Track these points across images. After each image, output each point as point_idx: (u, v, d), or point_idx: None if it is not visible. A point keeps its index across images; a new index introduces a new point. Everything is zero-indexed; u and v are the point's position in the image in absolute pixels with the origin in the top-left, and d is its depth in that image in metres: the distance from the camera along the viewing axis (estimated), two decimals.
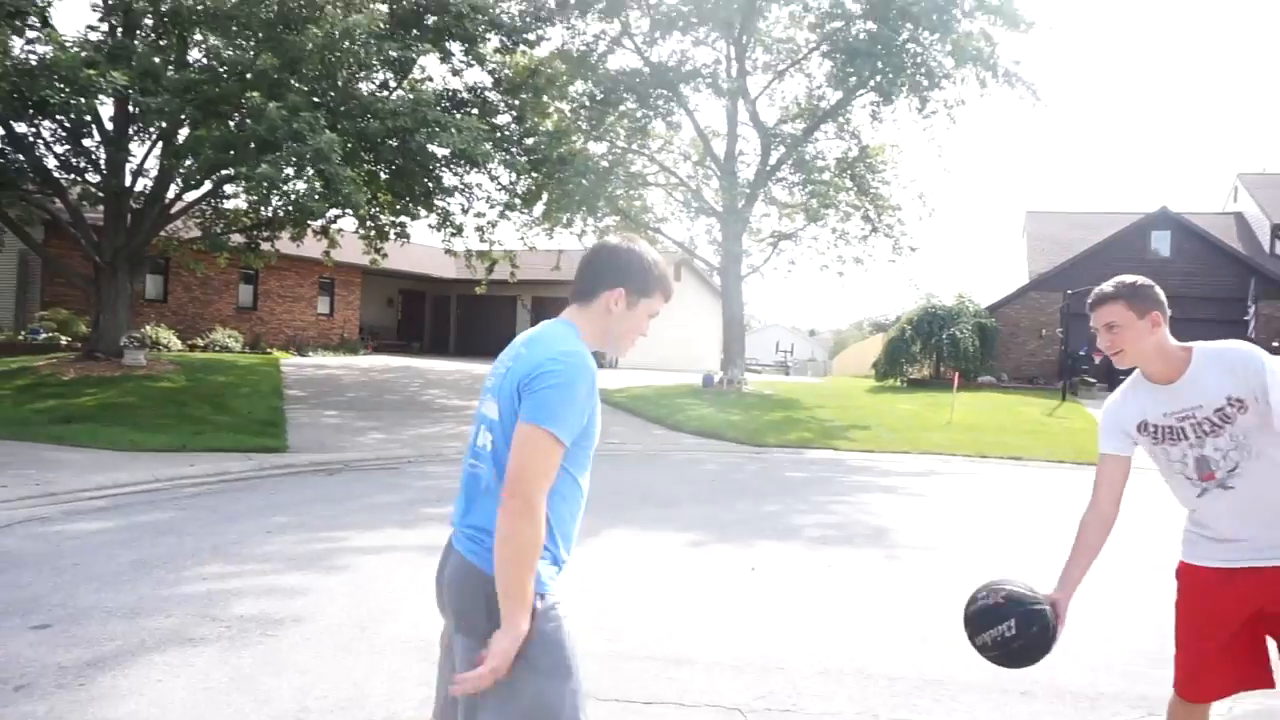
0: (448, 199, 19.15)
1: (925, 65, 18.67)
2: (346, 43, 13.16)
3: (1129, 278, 2.64)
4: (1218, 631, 2.51)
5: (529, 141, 19.91)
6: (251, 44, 13.77)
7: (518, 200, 20.89)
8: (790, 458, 12.51)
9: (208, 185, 16.79)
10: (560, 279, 28.22)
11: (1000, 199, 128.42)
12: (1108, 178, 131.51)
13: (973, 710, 3.69)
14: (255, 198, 14.97)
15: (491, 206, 20.04)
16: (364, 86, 16.55)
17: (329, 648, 4.12)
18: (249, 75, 13.30)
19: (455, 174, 18.63)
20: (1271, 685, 2.56)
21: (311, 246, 20.88)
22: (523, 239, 23.43)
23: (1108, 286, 2.63)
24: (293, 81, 13.62)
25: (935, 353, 26.41)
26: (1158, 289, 2.62)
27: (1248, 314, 25.02)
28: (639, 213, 24.12)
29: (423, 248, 29.71)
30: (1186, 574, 2.63)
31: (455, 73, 19.75)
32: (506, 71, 19.63)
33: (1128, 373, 2.83)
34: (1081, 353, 24.06)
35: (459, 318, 35.39)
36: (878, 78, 19.39)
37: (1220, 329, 26.15)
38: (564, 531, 1.88)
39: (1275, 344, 24.49)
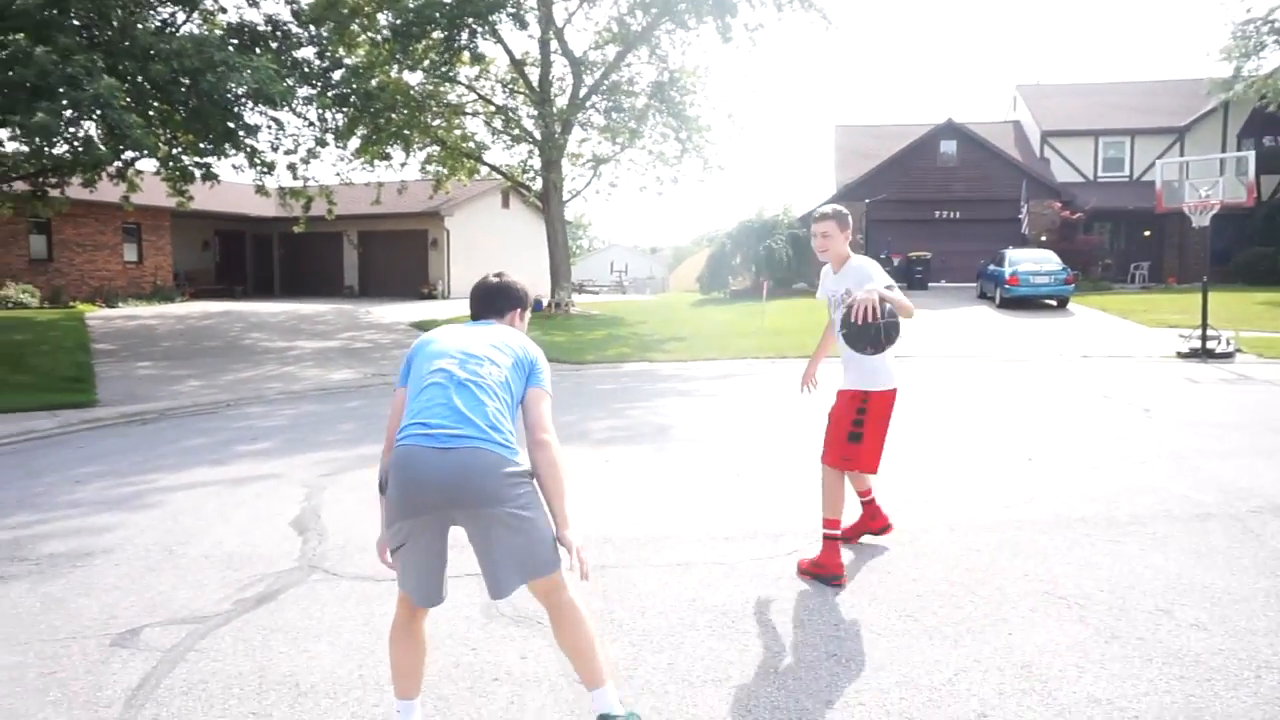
0: (254, 137, 18.57)
1: None
2: None
3: (839, 206, 4.32)
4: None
5: (335, 76, 19.45)
6: None
7: (330, 136, 20.47)
8: (606, 372, 13.43)
9: None
10: (383, 212, 27.82)
11: (818, 115, 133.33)
12: (914, 90, 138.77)
13: (685, 553, 4.66)
14: (35, 144, 14.13)
15: (297, 145, 19.53)
16: (149, 24, 15.69)
17: (137, 569, 4.62)
18: (13, 9, 12.43)
19: (258, 112, 18.05)
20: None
21: (110, 191, 19.79)
22: (339, 174, 22.99)
23: (826, 210, 4.29)
24: (63, 21, 12.86)
25: (754, 264, 28.00)
26: (849, 215, 4.36)
27: (1021, 213, 27.84)
28: (458, 142, 24.06)
29: (238, 186, 28.38)
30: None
31: (252, 3, 18.93)
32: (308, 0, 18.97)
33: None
34: (882, 256, 26.18)
35: (283, 257, 34.21)
36: (682, 4, 20.02)
37: (999, 227, 29.02)
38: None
39: (1044, 239, 27.46)
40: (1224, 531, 4.82)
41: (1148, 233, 30.13)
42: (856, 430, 4.17)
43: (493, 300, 3.02)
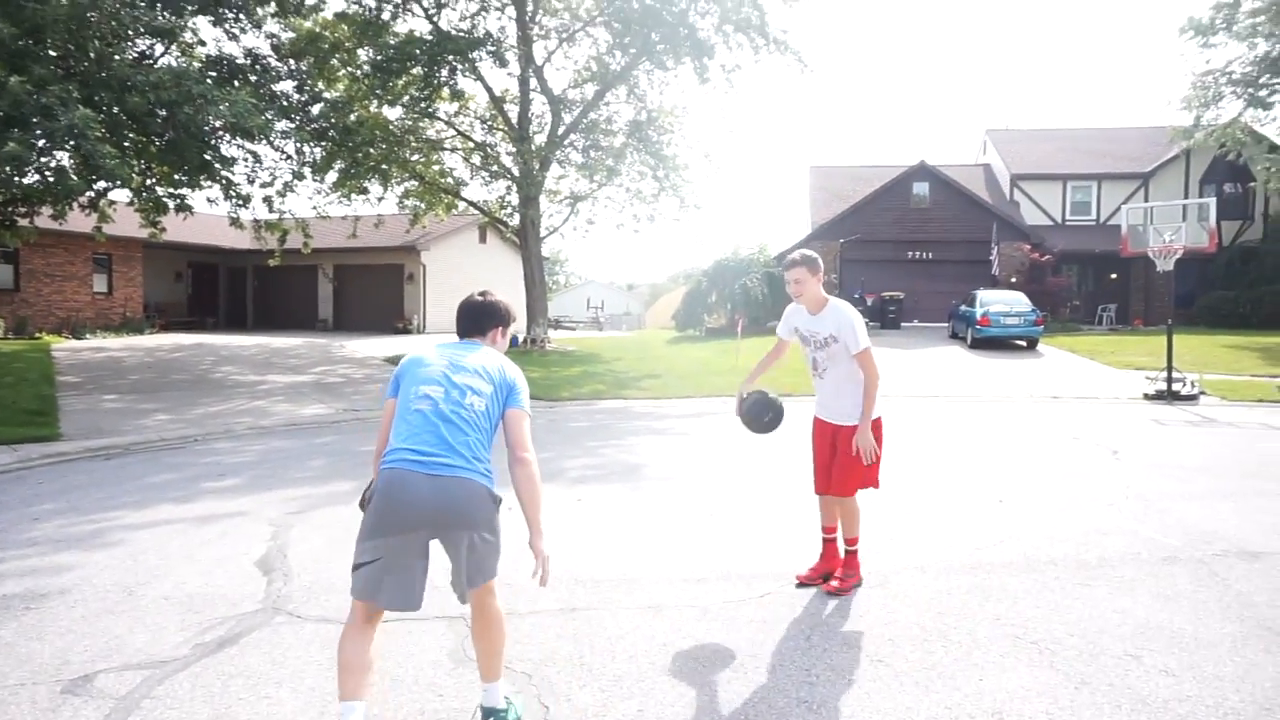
0: (230, 169, 18.50)
1: (693, 38, 19.69)
2: (95, 13, 12.48)
3: (808, 252, 4.65)
4: (821, 453, 4.75)
5: (314, 110, 19.49)
6: None
7: (307, 169, 20.45)
8: (580, 409, 13.38)
9: None
10: (359, 246, 27.76)
11: (794, 155, 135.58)
12: (888, 132, 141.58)
13: (656, 595, 4.62)
14: (5, 174, 13.98)
15: (274, 178, 19.49)
16: (127, 55, 15.66)
17: (94, 611, 4.50)
18: None
19: (235, 145, 18.00)
20: (823, 491, 4.76)
21: (81, 220, 19.59)
22: (316, 208, 22.94)
23: (795, 256, 4.58)
24: (39, 51, 12.80)
25: (730, 302, 28.19)
26: (819, 259, 4.68)
27: (991, 254, 28.29)
28: (437, 177, 24.13)
29: (212, 218, 28.29)
30: (814, 422, 4.81)
31: (231, 37, 18.98)
32: (289, 34, 19.05)
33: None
34: (855, 296, 26.44)
35: (257, 290, 33.96)
36: (660, 46, 20.33)
37: (970, 268, 29.47)
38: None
39: (1014, 280, 27.90)
40: (1190, 575, 4.86)
41: (1114, 275, 30.71)
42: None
43: (477, 318, 3.26)
